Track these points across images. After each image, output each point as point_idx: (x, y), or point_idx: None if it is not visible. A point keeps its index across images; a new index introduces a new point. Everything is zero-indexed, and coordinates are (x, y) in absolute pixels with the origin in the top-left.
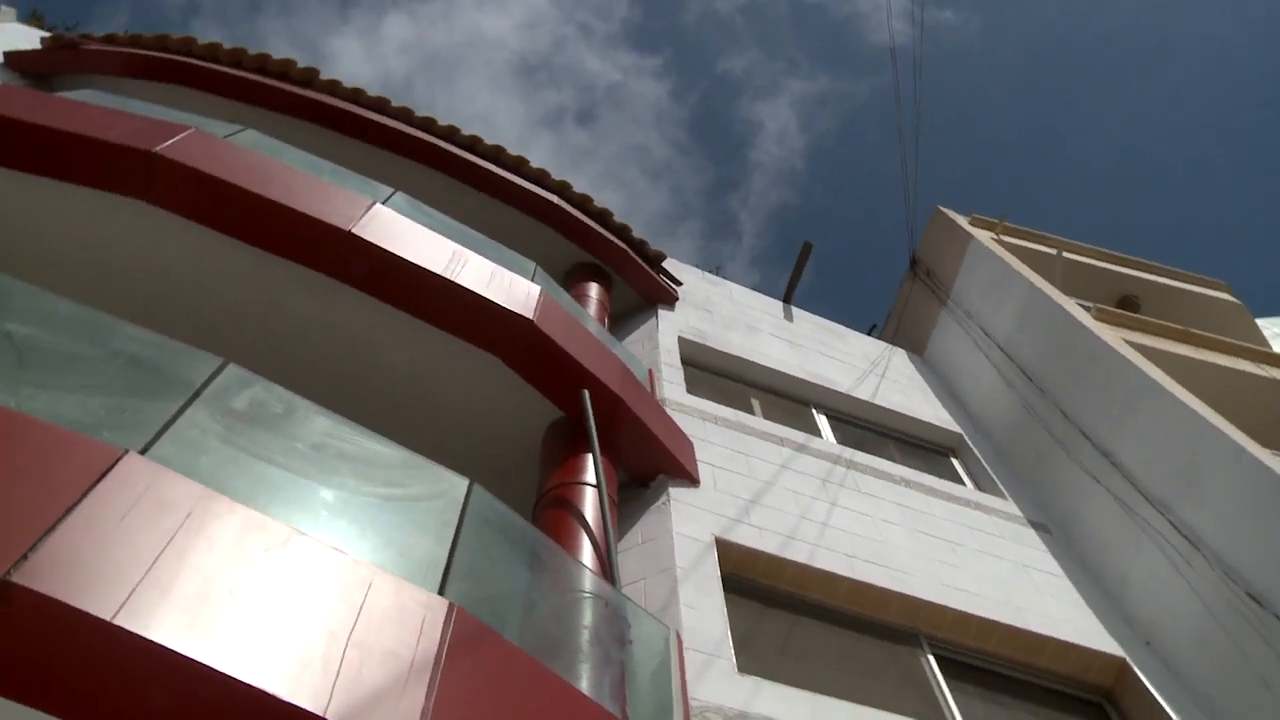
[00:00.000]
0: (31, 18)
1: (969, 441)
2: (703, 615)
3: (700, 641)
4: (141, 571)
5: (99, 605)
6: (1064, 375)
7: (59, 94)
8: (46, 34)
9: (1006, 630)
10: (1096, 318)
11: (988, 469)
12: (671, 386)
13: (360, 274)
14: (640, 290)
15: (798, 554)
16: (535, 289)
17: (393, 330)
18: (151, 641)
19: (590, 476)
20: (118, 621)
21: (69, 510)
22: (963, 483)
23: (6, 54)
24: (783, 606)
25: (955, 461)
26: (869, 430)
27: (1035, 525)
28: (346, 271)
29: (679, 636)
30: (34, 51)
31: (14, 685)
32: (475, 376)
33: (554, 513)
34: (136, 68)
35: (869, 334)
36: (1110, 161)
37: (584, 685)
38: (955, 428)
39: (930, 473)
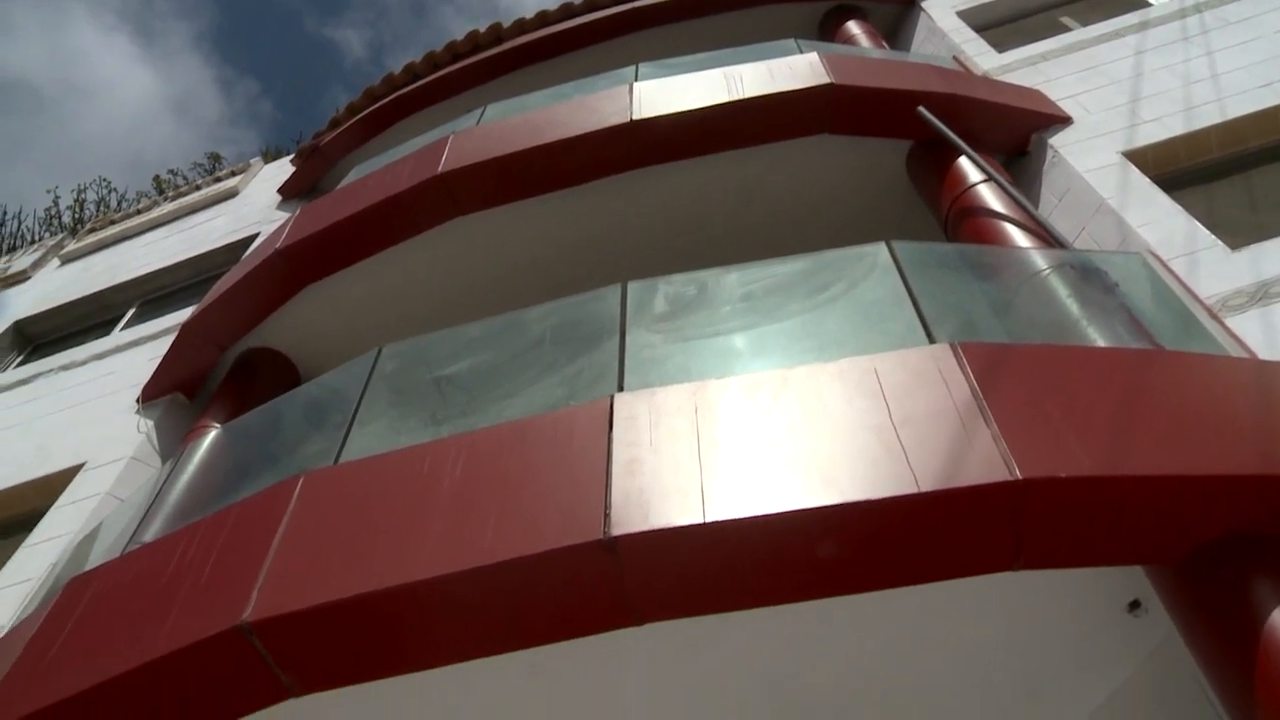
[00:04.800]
0: (266, 154)
1: None
2: (1161, 225)
3: (1176, 248)
4: (696, 472)
5: (688, 515)
6: None
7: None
8: (290, 156)
9: None
10: None
11: None
12: (983, 58)
13: (666, 147)
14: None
15: (1208, 118)
16: (813, 56)
17: (730, 170)
18: (748, 518)
19: (975, 174)
20: (710, 519)
21: (608, 461)
22: None
23: (279, 190)
24: (1228, 173)
25: None
26: None
27: None
28: (655, 153)
29: (1154, 254)
30: (294, 174)
31: (671, 605)
32: (820, 162)
33: (968, 223)
34: (370, 128)
35: None
36: None
37: (1103, 342)
38: None
39: None
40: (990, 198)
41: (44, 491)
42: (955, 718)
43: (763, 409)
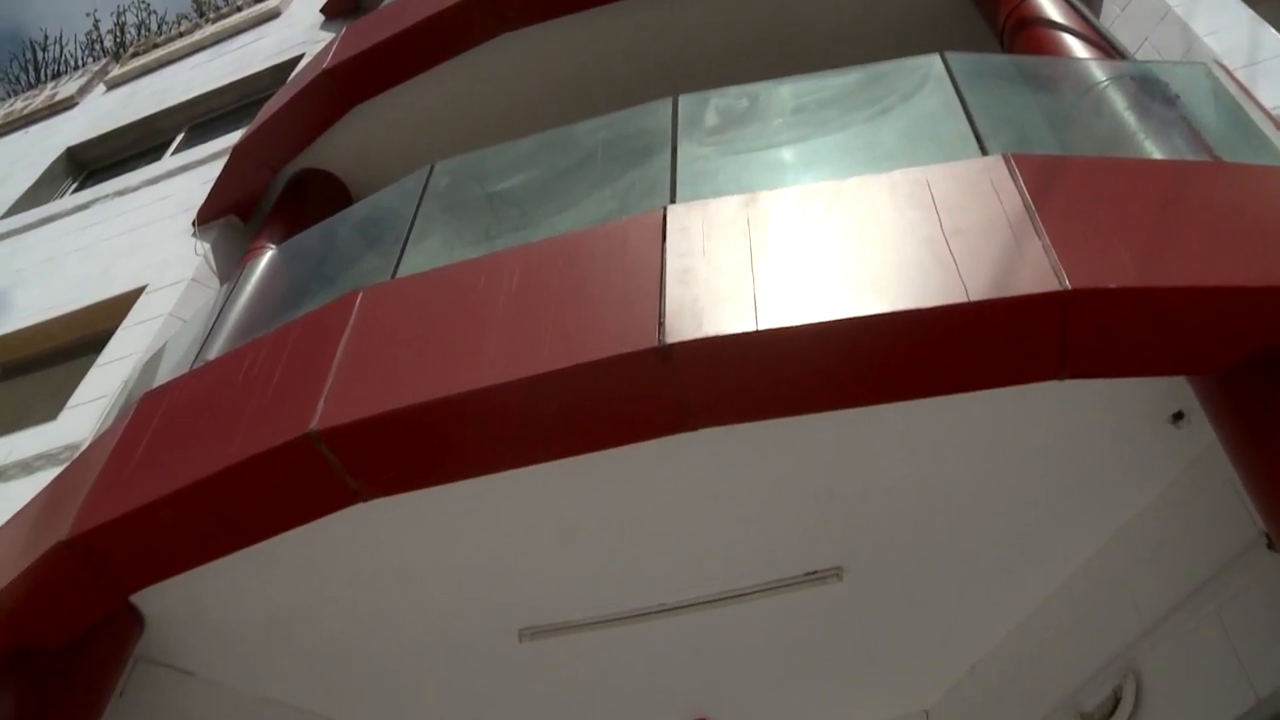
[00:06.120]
0: None
1: None
2: (1230, 33)
3: (1244, 56)
4: (749, 281)
5: (741, 323)
6: None
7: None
8: None
9: None
10: None
11: None
12: None
13: None
14: None
15: None
16: None
17: None
18: (800, 325)
19: None
20: (762, 326)
21: (662, 271)
22: None
23: (322, 9)
24: None
25: None
26: None
27: None
28: None
29: (1219, 65)
30: None
31: (724, 411)
32: None
33: (1025, 34)
34: None
35: None
36: None
37: (1161, 154)
38: None
39: None
40: (1049, 7)
41: (110, 313)
42: (997, 523)
43: (815, 220)
